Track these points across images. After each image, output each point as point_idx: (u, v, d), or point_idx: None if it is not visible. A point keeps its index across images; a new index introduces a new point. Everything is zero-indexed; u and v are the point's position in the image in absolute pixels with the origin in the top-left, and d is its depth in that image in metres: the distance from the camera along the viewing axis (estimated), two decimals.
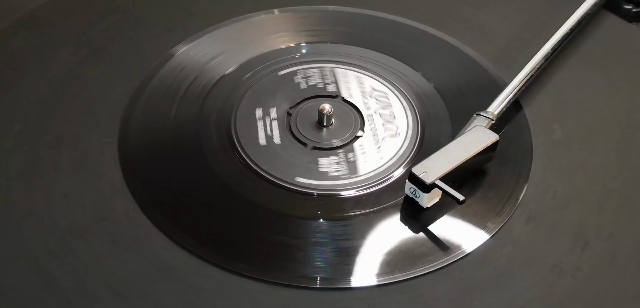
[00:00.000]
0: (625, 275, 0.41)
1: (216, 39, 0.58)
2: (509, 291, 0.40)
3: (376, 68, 0.56)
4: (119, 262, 0.40)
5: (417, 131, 0.50)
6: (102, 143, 0.48)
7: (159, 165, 0.47)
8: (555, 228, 0.44)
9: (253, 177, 0.46)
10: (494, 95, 0.51)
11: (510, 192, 0.46)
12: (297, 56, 0.57)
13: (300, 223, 0.44)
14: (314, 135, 0.50)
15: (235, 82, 0.54)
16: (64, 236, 0.42)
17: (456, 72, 0.56)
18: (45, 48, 0.56)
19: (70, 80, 0.53)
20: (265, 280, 0.40)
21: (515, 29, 0.61)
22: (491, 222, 0.44)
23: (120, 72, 0.54)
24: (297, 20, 0.61)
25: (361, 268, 0.41)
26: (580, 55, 0.58)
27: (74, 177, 0.45)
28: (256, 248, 0.42)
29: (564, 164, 0.48)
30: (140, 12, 0.61)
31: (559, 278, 0.41)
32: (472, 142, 0.46)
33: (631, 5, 0.63)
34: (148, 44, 0.57)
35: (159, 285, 0.39)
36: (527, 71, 0.53)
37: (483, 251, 0.42)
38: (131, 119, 0.50)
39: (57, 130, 0.49)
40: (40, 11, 0.60)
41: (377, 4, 0.63)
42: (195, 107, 0.51)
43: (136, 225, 0.43)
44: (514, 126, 0.51)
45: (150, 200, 0.44)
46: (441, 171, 0.43)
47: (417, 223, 0.44)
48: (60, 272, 0.40)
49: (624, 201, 0.46)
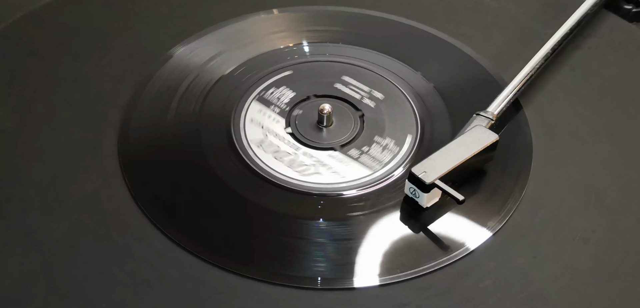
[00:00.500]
0: (625, 275, 0.41)
1: (216, 39, 0.58)
2: (509, 291, 0.40)
3: (376, 68, 0.56)
4: (119, 262, 0.40)
5: (417, 131, 0.50)
6: (102, 143, 0.48)
7: (159, 165, 0.47)
8: (555, 228, 0.44)
9: (253, 177, 0.46)
10: (493, 95, 0.51)
11: (511, 192, 0.46)
12: (296, 56, 0.57)
13: (300, 223, 0.44)
14: (314, 135, 0.50)
15: (235, 82, 0.54)
16: (63, 236, 0.42)
17: (456, 72, 0.56)
18: (46, 48, 0.56)
19: (70, 80, 0.53)
20: (265, 280, 0.40)
21: (516, 28, 0.61)
22: (492, 221, 0.44)
23: (120, 72, 0.54)
24: (297, 20, 0.61)
25: (362, 268, 0.41)
26: (580, 55, 0.58)
27: (73, 177, 0.45)
28: (256, 248, 0.42)
29: (564, 164, 0.48)
30: (140, 12, 0.61)
31: (560, 278, 0.41)
32: (471, 142, 0.46)
33: (631, 5, 0.63)
34: (148, 44, 0.57)
35: (159, 285, 0.39)
36: (526, 71, 0.53)
37: (483, 251, 0.42)
38: (131, 119, 0.50)
39: (57, 129, 0.49)
40: (40, 12, 0.60)
41: (377, 4, 0.63)
42: (195, 107, 0.51)
43: (136, 225, 0.43)
44: (514, 126, 0.51)
45: (150, 200, 0.44)
46: (441, 171, 0.43)
47: (417, 223, 0.44)
48: (59, 273, 0.40)
49: (624, 200, 0.46)
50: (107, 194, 0.44)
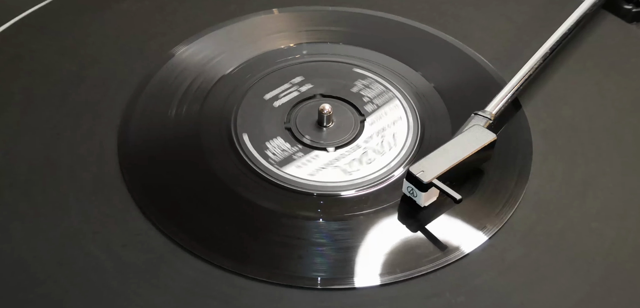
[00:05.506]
0: (626, 276, 0.41)
1: (216, 39, 0.58)
2: (509, 290, 0.40)
3: (376, 68, 0.56)
4: (118, 262, 0.40)
5: (417, 131, 0.50)
6: (102, 143, 0.48)
7: (159, 165, 0.47)
8: (555, 228, 0.44)
9: (253, 177, 0.46)
10: (494, 95, 0.51)
11: (511, 191, 0.46)
12: (296, 56, 0.57)
13: (300, 223, 0.44)
14: (314, 135, 0.50)
15: (235, 82, 0.54)
16: (62, 237, 0.42)
17: (456, 72, 0.56)
18: (46, 48, 0.56)
19: (70, 80, 0.53)
20: (265, 280, 0.40)
21: (516, 28, 0.61)
22: (491, 221, 0.44)
23: (120, 72, 0.54)
24: (297, 20, 0.61)
25: (362, 268, 0.41)
26: (579, 54, 0.58)
27: (73, 177, 0.45)
28: (256, 248, 0.42)
29: (564, 163, 0.48)
30: (140, 12, 0.61)
31: (560, 278, 0.41)
32: (469, 141, 0.46)
33: (631, 5, 0.63)
34: (148, 44, 0.57)
35: (159, 285, 0.39)
36: (525, 71, 0.53)
37: (483, 251, 0.42)
38: (131, 119, 0.50)
39: (57, 130, 0.49)
40: (40, 12, 0.60)
41: (377, 4, 0.63)
42: (195, 107, 0.52)
43: (135, 225, 0.43)
44: (513, 125, 0.51)
45: (150, 200, 0.44)
46: (438, 170, 0.43)
47: (415, 223, 0.44)
48: (58, 273, 0.40)
49: (624, 199, 0.46)
50: (107, 194, 0.45)
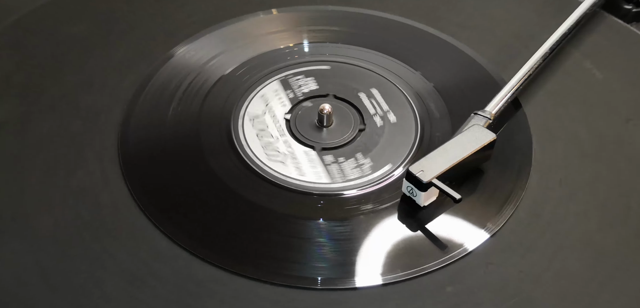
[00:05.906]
0: (625, 276, 0.41)
1: (216, 39, 0.58)
2: (509, 290, 0.40)
3: (376, 68, 0.56)
4: (118, 261, 0.40)
5: (416, 131, 0.50)
6: (102, 143, 0.48)
7: (159, 165, 0.47)
8: (555, 228, 0.44)
9: (253, 177, 0.47)
10: (493, 95, 0.51)
11: (510, 191, 0.46)
12: (296, 56, 0.57)
13: (300, 223, 0.44)
14: (314, 135, 0.50)
15: (235, 82, 0.54)
16: (61, 234, 0.42)
17: (456, 71, 0.56)
18: (46, 48, 0.56)
19: (71, 80, 0.53)
20: (265, 280, 0.40)
21: (516, 28, 0.61)
22: (491, 221, 0.44)
23: (120, 72, 0.54)
24: (296, 20, 0.61)
25: (362, 268, 0.41)
26: (579, 54, 0.58)
27: (73, 177, 0.46)
28: (256, 248, 0.42)
29: (564, 163, 0.48)
30: (140, 12, 0.61)
31: (559, 279, 0.41)
32: (469, 140, 0.46)
33: (631, 5, 0.63)
34: (148, 44, 0.57)
35: (159, 285, 0.39)
36: (525, 71, 0.53)
37: (483, 250, 0.42)
38: (131, 119, 0.50)
39: (57, 129, 0.49)
40: (40, 12, 0.60)
41: (377, 4, 0.63)
42: (195, 107, 0.52)
43: (136, 225, 0.43)
44: (513, 125, 0.51)
45: (150, 200, 0.44)
46: (438, 170, 0.43)
47: (415, 222, 0.44)
48: (58, 272, 0.40)
49: (624, 199, 0.46)
50: (107, 194, 0.45)
